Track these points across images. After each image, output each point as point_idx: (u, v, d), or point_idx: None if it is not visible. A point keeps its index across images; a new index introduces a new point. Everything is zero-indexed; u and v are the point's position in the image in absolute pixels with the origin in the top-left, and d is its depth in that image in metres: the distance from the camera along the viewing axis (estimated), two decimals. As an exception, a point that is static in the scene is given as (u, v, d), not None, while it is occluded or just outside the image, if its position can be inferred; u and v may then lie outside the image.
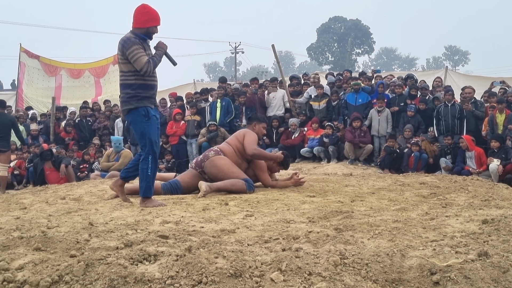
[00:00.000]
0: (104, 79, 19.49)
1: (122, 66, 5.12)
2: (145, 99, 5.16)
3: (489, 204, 4.59)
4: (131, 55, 4.98)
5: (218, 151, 6.37)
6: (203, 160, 6.28)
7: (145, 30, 5.18)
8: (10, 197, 6.32)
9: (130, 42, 5.01)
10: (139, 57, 4.98)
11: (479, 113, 11.27)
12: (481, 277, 2.45)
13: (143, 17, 5.17)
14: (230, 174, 6.09)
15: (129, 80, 5.13)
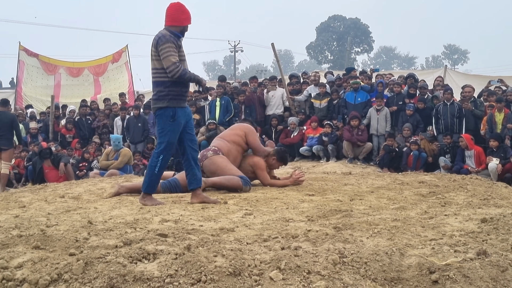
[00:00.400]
0: (103, 77, 19.45)
1: (155, 63, 5.09)
2: (177, 98, 5.14)
3: (488, 203, 4.60)
4: (162, 51, 4.96)
5: (216, 150, 6.39)
6: (201, 160, 6.29)
7: (181, 28, 5.19)
8: (9, 196, 6.32)
9: (165, 39, 4.99)
10: (169, 56, 4.95)
11: (479, 112, 11.28)
12: (480, 276, 2.45)
13: (182, 15, 5.17)
14: (227, 172, 6.13)
15: (162, 77, 5.10)
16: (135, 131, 13.81)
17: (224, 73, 65.25)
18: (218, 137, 6.84)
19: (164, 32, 5.08)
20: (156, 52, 5.02)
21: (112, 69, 19.51)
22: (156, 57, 5.05)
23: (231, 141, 6.53)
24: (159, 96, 5.14)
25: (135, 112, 13.99)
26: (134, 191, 5.99)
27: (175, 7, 5.17)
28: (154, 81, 5.18)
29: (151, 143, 13.80)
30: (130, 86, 19.32)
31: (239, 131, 6.71)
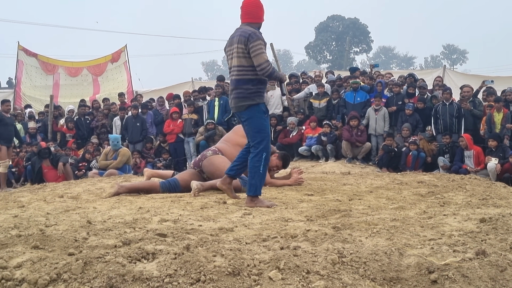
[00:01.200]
0: (102, 77, 19.46)
1: (242, 60, 4.97)
2: (262, 94, 5.13)
3: (486, 203, 4.60)
4: (253, 49, 4.86)
5: (215, 150, 6.39)
6: (201, 160, 6.31)
7: (260, 25, 5.14)
8: (8, 195, 6.31)
9: (256, 36, 4.91)
10: (262, 53, 4.89)
11: (478, 112, 11.30)
12: (479, 276, 2.45)
13: (261, 11, 5.13)
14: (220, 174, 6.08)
15: (249, 75, 5.00)
16: (133, 130, 13.81)
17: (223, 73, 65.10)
18: (222, 140, 6.80)
19: (251, 29, 4.99)
20: (245, 49, 4.92)
21: (111, 69, 19.52)
22: (244, 54, 4.95)
23: (236, 144, 6.48)
24: (248, 94, 5.03)
25: (134, 111, 13.99)
26: (133, 191, 5.98)
27: (254, 4, 5.10)
28: (239, 79, 5.04)
29: (149, 143, 13.82)
30: (129, 86, 19.33)
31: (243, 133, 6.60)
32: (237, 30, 5.09)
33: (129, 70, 19.69)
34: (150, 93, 19.13)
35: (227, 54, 5.24)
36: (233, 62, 5.06)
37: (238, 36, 4.97)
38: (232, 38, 5.10)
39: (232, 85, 5.14)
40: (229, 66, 5.18)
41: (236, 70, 5.05)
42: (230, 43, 5.12)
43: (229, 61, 5.17)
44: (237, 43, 4.97)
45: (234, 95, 5.11)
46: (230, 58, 5.12)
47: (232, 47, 5.06)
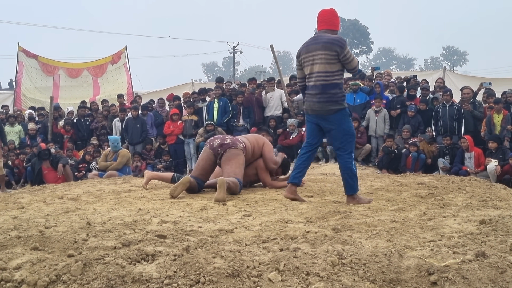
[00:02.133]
0: (102, 78, 19.44)
1: (327, 66, 5.16)
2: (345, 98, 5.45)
3: (486, 204, 4.60)
4: (348, 55, 5.13)
5: (244, 147, 6.38)
6: (230, 146, 6.27)
7: (337, 32, 5.39)
8: (7, 197, 6.31)
9: (345, 43, 5.20)
10: (354, 58, 5.22)
11: (478, 113, 11.30)
12: (478, 278, 2.45)
13: (337, 20, 5.41)
14: (235, 170, 6.10)
15: (336, 79, 5.21)
16: (133, 132, 13.80)
17: (223, 74, 65.30)
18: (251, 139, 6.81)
19: (337, 36, 5.27)
20: (335, 55, 5.12)
21: (111, 70, 19.50)
22: (332, 60, 5.14)
23: (252, 151, 6.61)
24: (336, 98, 5.22)
25: (134, 113, 13.99)
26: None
27: (331, 13, 5.36)
28: (326, 84, 5.20)
29: (149, 144, 13.81)
30: (129, 87, 19.32)
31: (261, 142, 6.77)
32: (317, 38, 5.28)
33: (129, 72, 19.67)
34: (150, 95, 19.13)
35: (304, 61, 5.36)
36: (316, 68, 5.22)
37: (323, 43, 5.15)
38: (311, 45, 5.28)
39: (316, 90, 5.26)
40: (308, 72, 5.32)
41: (322, 75, 5.20)
42: (308, 50, 5.29)
43: (308, 68, 5.32)
44: (324, 50, 5.14)
45: (322, 99, 5.25)
46: (311, 64, 5.27)
47: (314, 54, 5.22)
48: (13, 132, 14.52)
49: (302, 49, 5.39)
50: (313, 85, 5.29)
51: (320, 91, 5.23)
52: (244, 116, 13.49)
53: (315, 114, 5.39)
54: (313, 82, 5.29)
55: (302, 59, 5.40)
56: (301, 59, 5.42)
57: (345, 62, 5.15)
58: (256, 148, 6.64)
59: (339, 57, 5.11)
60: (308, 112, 5.49)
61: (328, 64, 5.15)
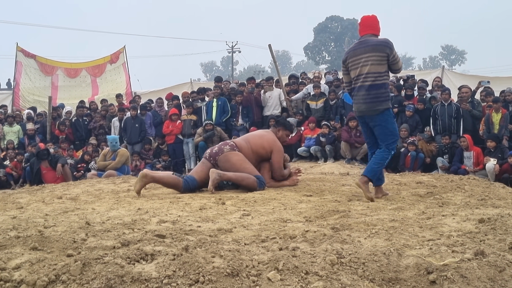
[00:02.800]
0: (100, 78, 19.43)
1: (378, 67, 5.45)
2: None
3: (485, 203, 4.60)
4: (396, 56, 5.49)
5: (233, 146, 6.39)
6: (218, 154, 6.31)
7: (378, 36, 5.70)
8: (6, 197, 6.31)
9: (392, 45, 5.50)
10: (399, 59, 5.63)
11: (477, 112, 11.30)
12: (477, 276, 2.45)
13: (379, 25, 5.73)
14: (243, 170, 6.12)
15: (384, 79, 5.51)
16: (132, 131, 13.80)
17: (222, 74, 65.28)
18: (243, 138, 6.80)
19: (384, 38, 5.60)
20: (385, 56, 5.44)
21: (109, 70, 19.49)
22: (382, 61, 5.45)
23: (255, 151, 6.53)
24: (383, 98, 5.49)
25: (132, 112, 13.98)
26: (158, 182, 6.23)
27: (374, 18, 5.71)
28: (375, 84, 5.46)
29: (148, 144, 13.81)
30: (127, 87, 19.31)
31: (267, 145, 6.58)
32: (364, 42, 5.58)
33: (128, 71, 19.67)
34: (149, 94, 19.13)
35: (351, 65, 5.65)
36: (365, 70, 5.49)
37: (373, 46, 5.47)
38: (358, 49, 5.58)
39: (363, 90, 5.53)
40: (357, 74, 5.58)
41: (371, 76, 5.47)
42: (356, 53, 5.59)
43: (356, 70, 5.59)
44: (374, 52, 5.45)
45: (368, 99, 5.51)
46: (360, 66, 5.54)
47: (363, 56, 5.51)
48: (12, 132, 14.53)
49: (349, 54, 5.68)
50: (360, 86, 5.55)
51: (368, 92, 5.49)
52: (243, 115, 13.50)
53: (362, 114, 5.69)
54: (360, 83, 5.55)
55: (349, 63, 5.68)
56: (348, 63, 5.70)
57: (392, 63, 5.48)
58: (261, 150, 6.55)
59: (388, 58, 5.43)
60: (356, 113, 5.82)
61: (378, 65, 5.43)
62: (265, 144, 6.57)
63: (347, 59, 5.70)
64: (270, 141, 6.61)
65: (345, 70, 5.81)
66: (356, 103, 5.68)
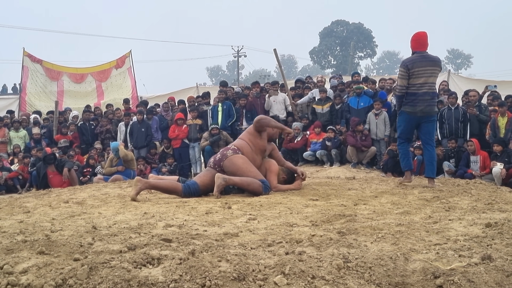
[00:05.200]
0: (106, 83, 19.50)
1: (436, 79, 6.98)
2: None
3: (492, 207, 4.58)
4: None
5: (235, 149, 6.40)
6: (222, 159, 6.33)
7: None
8: (13, 201, 6.33)
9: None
10: None
11: (484, 116, 11.25)
12: (484, 281, 2.44)
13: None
14: (248, 174, 6.15)
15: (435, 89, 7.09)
16: (138, 136, 13.84)
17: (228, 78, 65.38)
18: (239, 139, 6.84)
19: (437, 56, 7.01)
20: (439, 71, 7.03)
21: (115, 75, 19.56)
22: (438, 74, 7.02)
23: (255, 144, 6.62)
24: (436, 104, 7.13)
25: (139, 117, 14.02)
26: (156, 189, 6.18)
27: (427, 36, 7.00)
28: (435, 92, 7.00)
29: (154, 148, 13.83)
30: (133, 91, 19.37)
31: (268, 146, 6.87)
32: (427, 56, 6.83)
33: (134, 76, 19.73)
34: (155, 99, 19.19)
35: (418, 73, 6.73)
36: (431, 80, 6.81)
37: (436, 61, 6.90)
38: (423, 61, 6.75)
39: (429, 96, 6.81)
40: (423, 82, 6.74)
41: (433, 85, 6.90)
42: (422, 64, 6.72)
43: (423, 78, 6.74)
44: (437, 66, 6.89)
45: (432, 103, 6.88)
46: (428, 76, 6.76)
47: (429, 68, 6.75)
48: (18, 137, 14.61)
49: (415, 63, 6.71)
50: (426, 92, 6.76)
51: (432, 97, 6.84)
52: (247, 119, 13.53)
53: (424, 115, 6.87)
54: (425, 89, 6.75)
55: (414, 71, 6.71)
56: (414, 71, 6.71)
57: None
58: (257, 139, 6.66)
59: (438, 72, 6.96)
60: (417, 114, 6.85)
61: (436, 77, 6.96)
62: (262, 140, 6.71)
63: (414, 67, 6.70)
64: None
65: (406, 75, 6.77)
66: (421, 105, 6.77)
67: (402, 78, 6.82)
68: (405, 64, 6.79)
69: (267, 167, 6.67)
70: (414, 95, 6.76)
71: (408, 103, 6.86)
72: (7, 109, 17.16)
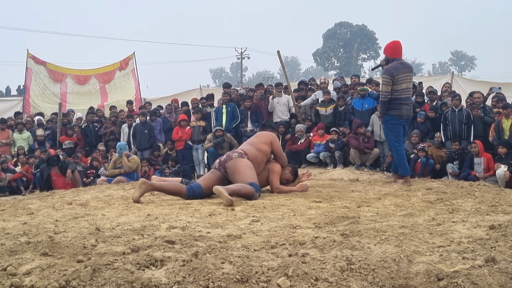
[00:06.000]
0: (109, 85, 19.53)
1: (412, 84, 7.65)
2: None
3: (496, 209, 4.57)
4: None
5: (242, 153, 6.41)
6: (226, 161, 6.34)
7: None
8: (17, 203, 6.34)
9: None
10: None
11: (488, 118, 11.23)
12: (488, 283, 2.44)
13: None
14: (244, 176, 6.12)
15: None
16: (141, 137, 13.86)
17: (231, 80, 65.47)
18: (247, 143, 6.90)
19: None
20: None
21: (119, 77, 19.59)
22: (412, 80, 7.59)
23: (259, 149, 6.64)
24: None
25: (142, 119, 14.04)
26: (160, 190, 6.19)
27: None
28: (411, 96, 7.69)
29: (157, 150, 13.85)
30: (137, 93, 19.40)
31: (266, 139, 6.84)
32: (406, 63, 7.59)
33: (137, 78, 19.76)
34: (158, 100, 19.21)
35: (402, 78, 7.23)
36: (410, 85, 7.50)
37: (412, 68, 7.53)
38: (404, 68, 7.29)
39: (410, 100, 7.52)
40: (406, 87, 7.32)
41: (411, 90, 7.67)
42: (405, 71, 7.27)
43: (406, 83, 7.31)
44: (413, 73, 7.55)
45: (411, 107, 7.58)
46: (408, 81, 7.37)
47: (411, 74, 7.45)
48: (21, 139, 14.62)
49: (398, 70, 7.18)
50: (407, 97, 7.36)
51: (411, 102, 7.56)
52: (252, 120, 13.53)
53: (407, 118, 7.49)
54: (407, 95, 7.32)
55: (398, 78, 7.17)
56: (397, 77, 7.17)
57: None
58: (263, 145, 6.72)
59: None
60: (403, 117, 7.36)
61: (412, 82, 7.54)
62: (264, 139, 6.83)
63: (398, 74, 7.15)
64: (266, 134, 7.01)
65: (390, 82, 7.19)
66: (407, 109, 7.35)
67: (387, 84, 7.21)
68: (390, 71, 7.19)
69: (269, 168, 6.67)
70: (399, 100, 7.24)
71: (394, 108, 7.29)
72: (12, 111, 17.19)
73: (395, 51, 7.38)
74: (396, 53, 7.37)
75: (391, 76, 7.17)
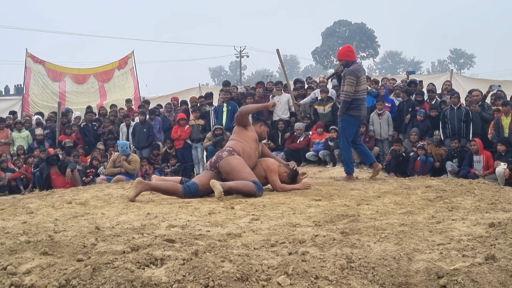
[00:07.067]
0: (108, 84, 19.51)
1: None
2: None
3: (495, 207, 4.57)
4: None
5: (230, 150, 6.39)
6: (217, 161, 6.32)
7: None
8: (16, 202, 6.33)
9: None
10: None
11: (487, 115, 11.23)
12: (488, 281, 2.44)
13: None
14: (242, 174, 6.11)
15: None
16: (140, 136, 13.85)
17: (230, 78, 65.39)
18: (230, 139, 6.86)
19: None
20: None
21: (118, 76, 19.58)
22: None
23: (243, 139, 6.63)
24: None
25: (141, 117, 14.03)
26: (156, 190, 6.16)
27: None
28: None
29: (156, 149, 13.84)
30: (136, 92, 19.40)
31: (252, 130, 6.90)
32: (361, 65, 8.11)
33: (136, 77, 19.75)
34: (157, 99, 19.20)
35: (363, 79, 7.70)
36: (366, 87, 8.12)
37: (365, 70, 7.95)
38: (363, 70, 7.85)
39: (365, 101, 8.00)
40: (364, 88, 7.81)
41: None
42: (364, 73, 7.81)
43: (365, 85, 7.85)
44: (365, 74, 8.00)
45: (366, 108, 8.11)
46: (364, 83, 7.84)
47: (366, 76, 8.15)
48: (21, 137, 14.61)
49: (360, 72, 7.63)
50: (364, 98, 7.84)
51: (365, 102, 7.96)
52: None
53: (364, 118, 8.12)
54: (364, 95, 7.83)
55: (360, 79, 7.58)
56: (360, 79, 7.57)
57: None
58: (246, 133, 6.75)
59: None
60: (361, 117, 7.86)
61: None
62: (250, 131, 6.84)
63: (360, 75, 7.56)
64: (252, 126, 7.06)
65: (355, 83, 7.52)
66: (363, 109, 7.79)
67: (351, 85, 7.57)
68: (355, 73, 7.57)
69: (265, 167, 6.62)
70: (359, 100, 7.69)
71: (354, 108, 7.68)
72: (10, 110, 17.17)
73: (352, 54, 7.88)
74: (353, 56, 7.88)
75: (356, 78, 7.55)
